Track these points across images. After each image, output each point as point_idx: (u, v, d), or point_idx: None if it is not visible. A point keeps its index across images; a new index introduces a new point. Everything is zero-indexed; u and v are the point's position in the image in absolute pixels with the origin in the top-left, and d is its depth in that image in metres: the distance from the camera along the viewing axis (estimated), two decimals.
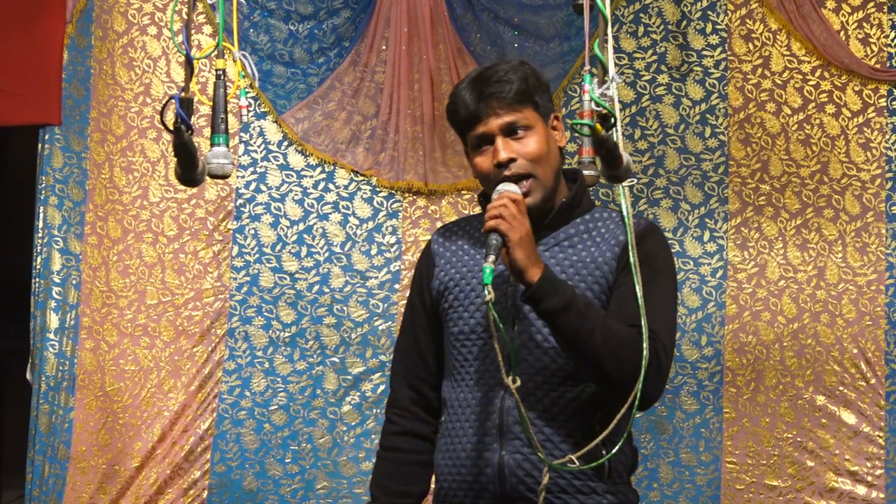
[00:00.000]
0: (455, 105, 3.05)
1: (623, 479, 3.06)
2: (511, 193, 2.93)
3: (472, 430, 3.03)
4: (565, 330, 2.88)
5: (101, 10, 6.04)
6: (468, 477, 3.03)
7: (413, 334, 3.21)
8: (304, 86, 6.09)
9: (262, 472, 6.00)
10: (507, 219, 2.87)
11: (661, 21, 6.21)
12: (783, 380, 6.11)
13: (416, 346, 3.20)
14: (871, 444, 6.07)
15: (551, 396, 2.99)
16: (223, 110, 3.95)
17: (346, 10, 6.10)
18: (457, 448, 3.05)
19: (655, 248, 3.04)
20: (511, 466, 2.98)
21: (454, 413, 3.08)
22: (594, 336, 2.87)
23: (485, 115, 3.00)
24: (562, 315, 2.87)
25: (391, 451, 3.20)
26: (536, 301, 2.88)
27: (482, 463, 3.01)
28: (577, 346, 2.89)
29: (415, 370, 3.20)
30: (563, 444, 2.97)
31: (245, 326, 6.05)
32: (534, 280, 2.87)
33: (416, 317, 3.21)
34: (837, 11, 6.18)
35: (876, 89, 6.17)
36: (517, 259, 2.86)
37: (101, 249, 6.00)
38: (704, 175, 6.18)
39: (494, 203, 2.90)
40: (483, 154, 3.03)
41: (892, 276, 6.13)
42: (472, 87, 3.03)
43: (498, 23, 6.13)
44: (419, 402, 3.19)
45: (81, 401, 5.94)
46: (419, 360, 3.20)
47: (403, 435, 3.19)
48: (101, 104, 6.03)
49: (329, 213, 6.11)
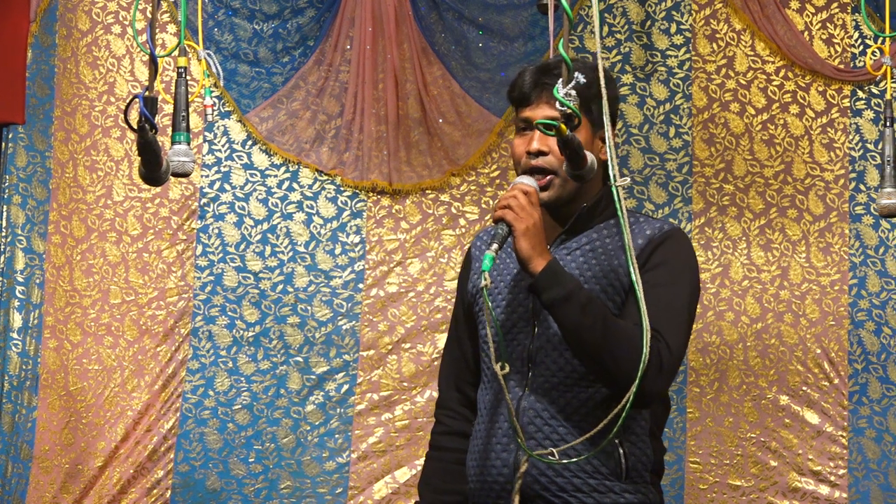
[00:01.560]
0: (514, 82, 3.09)
1: (644, 478, 3.05)
2: (523, 185, 2.97)
3: (491, 430, 3.07)
4: (566, 321, 2.91)
5: (65, 9, 6.02)
6: (488, 477, 3.06)
7: (456, 337, 3.27)
8: (268, 85, 6.08)
9: (225, 471, 6.00)
10: (514, 209, 2.92)
11: (626, 21, 6.22)
12: (747, 379, 6.12)
13: (460, 349, 3.26)
14: (834, 443, 6.08)
15: (566, 396, 3.01)
16: (185, 108, 3.95)
17: (311, 9, 6.10)
18: (481, 449, 3.09)
19: (675, 251, 3.05)
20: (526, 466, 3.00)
21: (482, 415, 3.12)
22: (594, 330, 2.90)
23: (534, 101, 3.04)
24: (562, 306, 2.90)
25: (439, 450, 3.26)
26: (539, 291, 2.92)
27: (500, 463, 3.04)
28: (577, 338, 2.92)
29: (459, 372, 3.26)
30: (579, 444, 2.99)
31: (209, 326, 6.04)
32: (537, 270, 2.91)
33: (457, 321, 3.28)
34: (801, 12, 6.19)
35: (840, 90, 6.19)
36: (521, 249, 2.91)
37: (64, 248, 5.99)
38: (668, 175, 6.19)
39: (505, 195, 2.95)
40: (521, 136, 3.08)
41: (856, 276, 6.15)
42: (536, 71, 3.07)
43: (462, 22, 6.13)
44: (465, 403, 3.25)
45: (45, 400, 5.93)
46: (462, 362, 3.25)
47: (450, 435, 3.25)
48: (65, 103, 6.02)
49: (293, 213, 6.11)
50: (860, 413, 6.11)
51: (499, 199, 2.94)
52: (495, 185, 6.15)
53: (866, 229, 6.16)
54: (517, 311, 3.06)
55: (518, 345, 3.05)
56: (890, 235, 6.14)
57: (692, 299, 3.07)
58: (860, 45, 6.19)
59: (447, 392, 3.28)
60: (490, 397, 3.10)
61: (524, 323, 3.05)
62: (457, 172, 6.14)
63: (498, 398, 3.06)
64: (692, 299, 3.07)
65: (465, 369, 3.25)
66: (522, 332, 3.05)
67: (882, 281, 6.14)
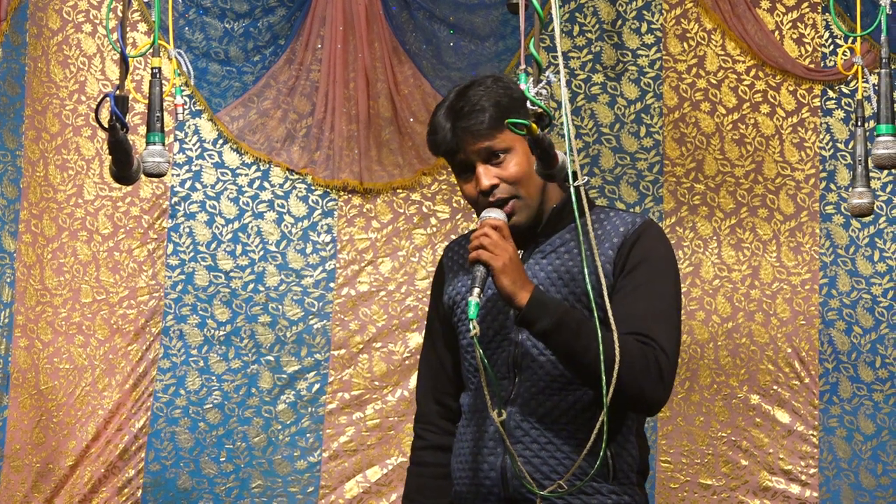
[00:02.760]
0: (434, 135, 3.06)
1: (630, 479, 3.05)
2: (492, 220, 2.95)
3: (478, 434, 3.07)
4: (559, 348, 2.91)
5: (35, 8, 6.02)
6: (475, 480, 3.06)
7: (433, 349, 3.25)
8: (239, 84, 6.09)
9: (196, 470, 6.00)
10: (488, 248, 2.89)
11: (597, 20, 6.22)
12: (717, 379, 6.13)
13: (438, 360, 3.24)
14: (805, 443, 6.09)
15: (553, 400, 3.01)
16: (159, 108, 3.94)
17: (282, 8, 6.10)
18: (468, 452, 3.09)
19: (653, 246, 3.03)
20: (512, 470, 3.00)
21: (467, 419, 3.12)
22: (589, 352, 2.88)
23: (463, 146, 3.01)
24: (554, 335, 2.89)
25: (420, 465, 3.24)
26: (528, 324, 2.90)
27: (487, 467, 3.04)
28: (574, 361, 2.92)
29: (439, 384, 3.24)
30: (564, 445, 2.99)
31: (180, 325, 6.04)
32: (522, 304, 2.89)
33: (433, 332, 3.25)
34: (772, 11, 6.20)
35: (810, 89, 6.19)
36: (503, 286, 2.89)
37: (35, 247, 5.99)
38: (639, 174, 6.20)
39: (476, 233, 2.92)
40: (468, 181, 3.05)
41: (826, 275, 6.15)
42: (447, 118, 3.04)
43: (433, 22, 6.14)
44: (446, 416, 3.23)
45: (15, 399, 5.93)
46: (442, 374, 3.23)
47: (431, 449, 3.23)
48: (35, 102, 6.02)
49: (264, 212, 6.11)
50: (831, 412, 6.11)
51: (471, 239, 2.91)
52: None
53: (837, 229, 6.17)
54: (497, 320, 3.05)
55: (503, 352, 3.04)
56: (860, 235, 6.15)
57: (677, 295, 3.05)
58: (831, 45, 6.19)
59: (426, 405, 3.26)
60: (474, 402, 3.10)
61: (507, 330, 3.04)
62: (428, 171, 6.15)
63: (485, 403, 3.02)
64: (677, 295, 3.05)
65: (444, 380, 3.23)
66: (505, 339, 3.04)
67: (852, 280, 6.14)
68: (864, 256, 6.15)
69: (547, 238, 3.06)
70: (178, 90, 4.62)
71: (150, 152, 3.87)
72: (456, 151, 3.03)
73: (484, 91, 3.03)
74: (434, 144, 3.08)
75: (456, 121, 3.02)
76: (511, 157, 3.01)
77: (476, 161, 3.01)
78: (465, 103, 3.02)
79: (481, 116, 3.00)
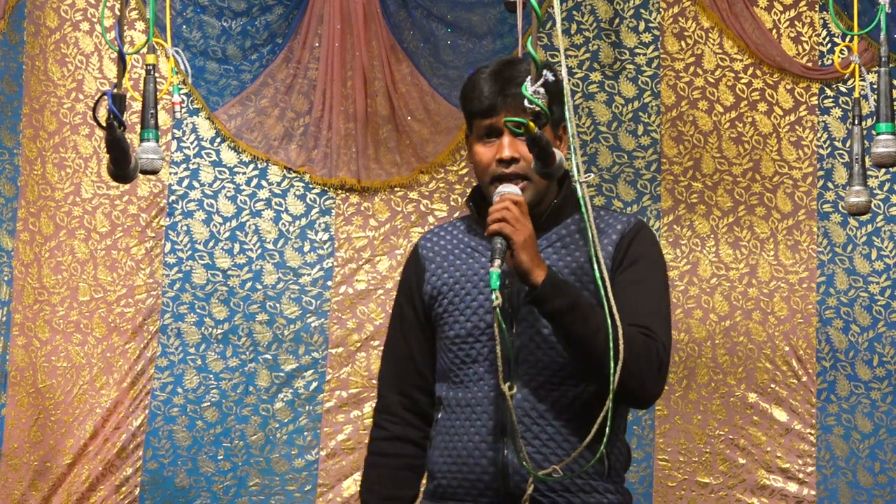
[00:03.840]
0: (473, 93, 3.07)
1: (622, 476, 3.09)
2: (513, 195, 2.96)
3: (475, 429, 3.05)
4: (569, 331, 2.92)
5: (33, 6, 6.02)
6: (470, 475, 3.05)
7: (403, 341, 3.21)
8: (236, 82, 6.09)
9: (194, 468, 6.00)
10: (510, 221, 2.90)
11: (594, 19, 6.22)
12: (715, 377, 6.13)
13: (408, 351, 3.20)
14: (803, 441, 6.09)
15: (553, 395, 3.02)
16: (153, 105, 3.96)
17: (279, 6, 6.10)
18: (458, 447, 3.07)
19: (649, 245, 3.09)
20: (515, 465, 3.00)
21: (454, 412, 3.09)
22: (598, 337, 2.90)
23: (501, 111, 3.02)
24: (566, 316, 2.91)
25: (382, 456, 3.20)
26: (541, 302, 2.91)
27: (486, 462, 3.03)
28: (581, 347, 2.93)
29: (407, 376, 3.20)
30: (565, 442, 3.00)
31: (177, 323, 6.04)
32: (538, 282, 2.91)
33: (405, 323, 3.21)
34: (769, 10, 6.20)
35: (808, 87, 6.20)
36: (522, 261, 2.90)
37: (33, 246, 5.99)
38: (637, 173, 6.20)
39: (497, 206, 2.93)
40: (487, 145, 3.06)
41: (824, 273, 6.16)
42: (495, 81, 3.05)
43: (431, 20, 6.14)
44: (410, 408, 3.20)
45: (13, 397, 5.93)
46: (411, 366, 3.20)
47: (394, 440, 3.20)
48: (33, 100, 6.02)
49: (262, 210, 6.11)
50: (828, 410, 6.12)
51: (491, 211, 2.92)
52: (464, 182, 6.15)
53: (834, 227, 6.17)
54: (491, 313, 3.03)
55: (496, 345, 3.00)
56: (858, 233, 6.15)
57: (669, 293, 3.13)
58: (828, 44, 6.20)
59: (390, 396, 3.22)
60: (466, 395, 3.08)
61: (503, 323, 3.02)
62: (425, 170, 6.15)
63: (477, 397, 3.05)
64: (669, 293, 3.13)
65: (411, 371, 3.21)
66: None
67: (850, 279, 6.15)
68: (861, 255, 6.15)
69: (545, 231, 3.08)
70: (176, 88, 4.63)
71: (145, 149, 3.88)
72: (491, 114, 3.04)
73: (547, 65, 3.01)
74: (471, 101, 3.08)
75: (506, 85, 3.03)
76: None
77: (506, 130, 3.03)
78: (516, 74, 3.03)
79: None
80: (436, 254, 3.19)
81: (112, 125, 3.15)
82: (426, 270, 3.18)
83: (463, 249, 3.15)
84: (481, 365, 3.06)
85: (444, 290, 3.13)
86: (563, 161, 2.98)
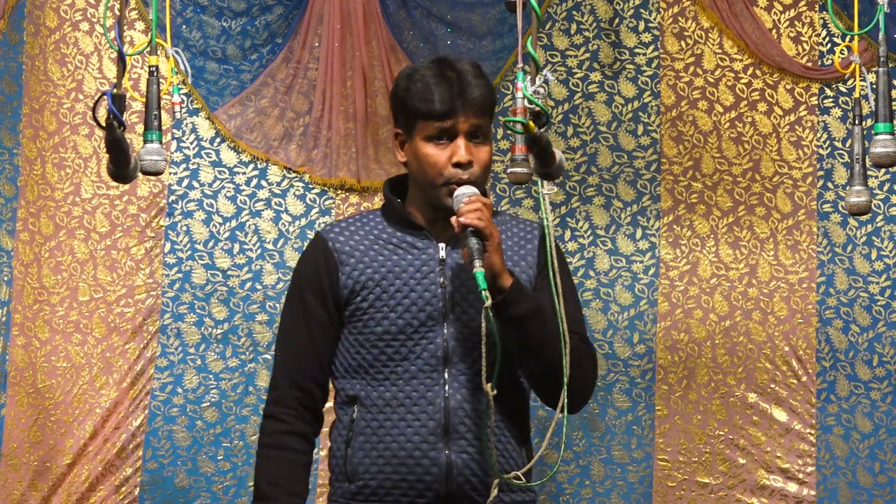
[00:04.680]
0: (424, 95, 3.03)
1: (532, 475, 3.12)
2: (482, 198, 2.96)
3: (413, 429, 3.03)
4: (531, 335, 2.95)
5: (33, 6, 6.02)
6: (409, 476, 3.02)
7: (308, 336, 3.14)
8: (236, 82, 6.09)
9: (194, 469, 6.00)
10: (486, 222, 2.91)
11: (594, 19, 6.22)
12: (715, 377, 6.13)
13: (311, 345, 3.14)
14: (803, 441, 6.09)
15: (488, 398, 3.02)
16: (156, 107, 3.95)
17: (279, 6, 6.10)
18: (392, 447, 3.03)
19: (558, 249, 3.10)
20: (459, 466, 3.00)
21: (381, 412, 3.05)
22: (555, 342, 2.94)
23: (459, 113, 3.00)
24: (530, 321, 2.94)
25: (283, 450, 3.13)
26: (508, 306, 2.92)
27: (428, 462, 3.01)
28: (540, 352, 2.96)
29: (308, 371, 3.14)
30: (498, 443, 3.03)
31: (177, 323, 6.04)
32: (506, 285, 2.93)
33: (312, 319, 3.14)
34: (769, 10, 6.20)
35: (807, 87, 6.19)
36: (495, 263, 2.91)
37: (32, 246, 5.99)
38: (637, 172, 6.20)
39: (471, 206, 2.92)
40: (438, 147, 3.03)
41: (824, 273, 6.15)
42: (450, 83, 3.03)
43: (431, 20, 6.14)
44: (306, 403, 3.15)
45: (13, 397, 5.93)
46: (314, 361, 3.14)
47: (294, 435, 3.14)
48: (33, 100, 6.02)
49: (261, 210, 6.11)
50: (828, 411, 6.12)
51: (463, 212, 2.92)
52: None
53: (834, 227, 6.17)
54: (425, 311, 3.04)
55: (429, 343, 3.03)
56: (858, 233, 6.15)
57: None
58: (828, 44, 6.19)
59: (287, 391, 3.15)
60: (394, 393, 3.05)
61: (433, 322, 3.04)
62: None
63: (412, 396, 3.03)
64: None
65: (315, 369, 3.15)
66: (432, 331, 3.04)
67: (850, 279, 6.15)
68: (861, 255, 6.15)
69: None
70: (176, 88, 4.63)
71: (148, 150, 3.88)
72: (449, 117, 3.01)
73: (479, 71, 3.05)
74: (424, 102, 3.03)
75: (462, 89, 3.01)
76: (485, 145, 3.05)
77: (461, 134, 3.01)
78: (465, 75, 3.03)
79: (486, 93, 3.03)
80: (353, 248, 3.12)
81: (112, 125, 3.16)
82: (343, 264, 3.11)
83: (385, 244, 3.11)
84: (413, 363, 3.04)
85: (369, 284, 3.08)
86: (562, 161, 2.99)
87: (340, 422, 3.13)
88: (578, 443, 6.09)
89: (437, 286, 3.03)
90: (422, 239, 3.09)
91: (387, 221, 3.14)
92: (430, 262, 3.06)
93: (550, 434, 2.96)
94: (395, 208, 3.14)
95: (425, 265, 3.06)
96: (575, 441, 6.08)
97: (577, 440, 6.09)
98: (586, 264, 6.16)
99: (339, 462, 3.11)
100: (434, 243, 3.09)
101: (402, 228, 3.11)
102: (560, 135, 6.16)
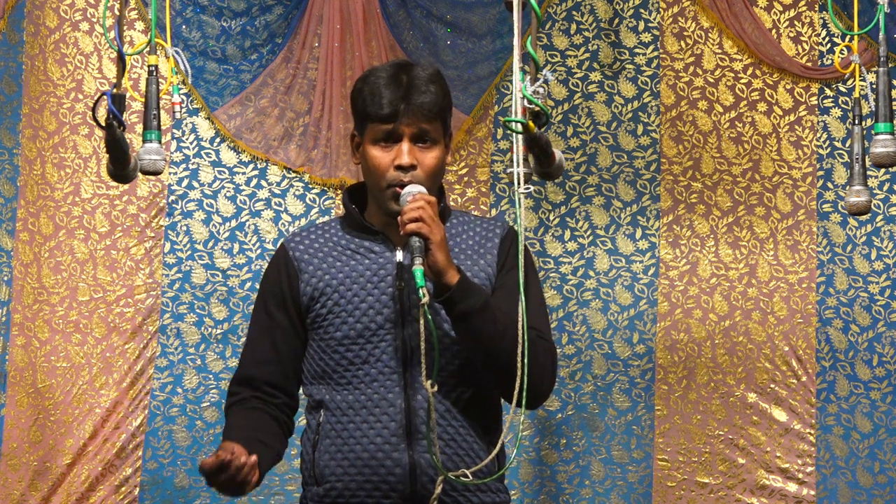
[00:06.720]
0: (374, 97, 3.05)
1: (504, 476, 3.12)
2: (426, 195, 2.97)
3: (375, 431, 3.04)
4: (480, 331, 2.95)
5: (32, 6, 6.02)
6: (373, 477, 3.03)
7: (272, 345, 3.15)
8: (236, 82, 6.09)
9: (193, 469, 5.98)
10: (426, 221, 2.91)
11: (594, 19, 6.22)
12: (714, 377, 6.13)
13: (275, 354, 3.15)
14: (802, 441, 6.09)
15: (451, 396, 3.06)
16: (156, 106, 3.96)
17: (279, 6, 6.11)
18: (356, 449, 3.04)
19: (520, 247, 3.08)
20: (422, 466, 3.01)
21: (345, 415, 3.06)
22: (505, 338, 2.94)
23: (403, 117, 3.02)
24: (477, 316, 2.93)
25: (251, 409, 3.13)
26: (455, 302, 2.93)
27: (391, 463, 3.02)
28: (490, 347, 2.96)
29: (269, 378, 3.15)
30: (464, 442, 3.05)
31: (177, 323, 6.04)
32: (452, 282, 2.93)
33: (276, 328, 3.15)
34: (769, 10, 6.20)
35: (807, 87, 6.20)
36: (438, 261, 2.91)
37: (32, 246, 5.99)
38: (636, 172, 6.20)
39: (412, 206, 2.93)
40: (384, 149, 3.05)
41: (823, 273, 6.16)
42: (397, 87, 3.04)
43: (430, 20, 6.14)
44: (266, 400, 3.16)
45: (12, 397, 5.93)
46: (277, 369, 3.16)
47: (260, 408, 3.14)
48: (32, 100, 6.02)
49: (261, 210, 6.11)
50: (828, 410, 6.12)
51: (407, 211, 2.92)
52: (463, 182, 6.15)
53: (834, 227, 6.17)
54: (382, 314, 3.05)
55: (388, 346, 3.04)
56: (857, 233, 6.16)
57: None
58: (828, 43, 6.20)
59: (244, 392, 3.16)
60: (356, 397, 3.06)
61: (391, 325, 3.04)
62: None
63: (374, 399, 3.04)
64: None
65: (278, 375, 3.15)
66: (390, 333, 3.04)
67: (850, 279, 6.15)
68: (861, 255, 6.15)
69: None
70: (176, 88, 4.63)
71: (147, 150, 3.88)
72: (393, 120, 3.03)
73: (431, 77, 3.07)
74: (371, 105, 3.05)
75: (409, 93, 3.03)
76: (433, 150, 3.06)
77: (405, 137, 3.03)
78: (416, 80, 3.05)
79: (435, 99, 3.04)
80: (312, 255, 3.14)
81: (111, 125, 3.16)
82: (302, 272, 3.13)
83: (343, 251, 3.12)
84: (373, 366, 3.05)
85: (327, 290, 3.09)
86: (562, 161, 2.99)
87: (309, 426, 3.14)
88: (578, 443, 6.10)
89: (394, 289, 3.04)
90: (379, 243, 3.10)
91: (346, 227, 3.16)
92: (387, 265, 3.07)
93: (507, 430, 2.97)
94: (351, 215, 3.15)
95: (382, 269, 3.07)
96: (575, 441, 6.08)
97: (576, 440, 6.09)
98: (586, 264, 6.17)
99: (308, 466, 3.13)
100: (391, 247, 3.09)
101: (360, 234, 3.12)
102: (560, 135, 6.16)
